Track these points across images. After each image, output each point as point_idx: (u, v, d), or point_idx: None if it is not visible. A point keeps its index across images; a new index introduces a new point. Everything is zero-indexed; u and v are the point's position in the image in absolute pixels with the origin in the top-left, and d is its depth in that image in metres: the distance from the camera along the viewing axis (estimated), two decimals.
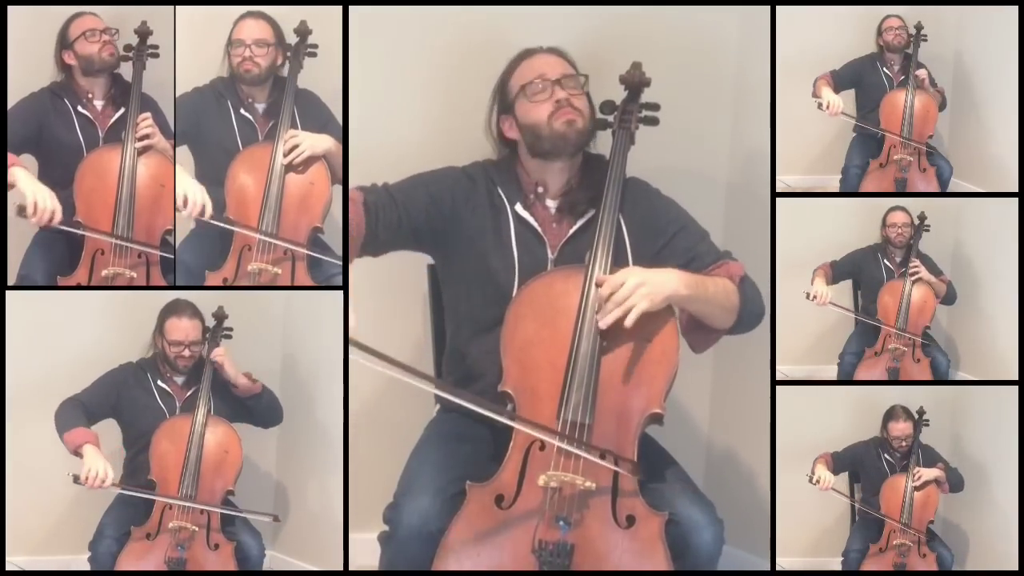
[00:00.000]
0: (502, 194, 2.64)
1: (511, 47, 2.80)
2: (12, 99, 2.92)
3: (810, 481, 3.23)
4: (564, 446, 2.34)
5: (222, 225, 2.92)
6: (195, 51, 3.05)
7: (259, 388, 3.16)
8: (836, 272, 3.41)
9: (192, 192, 2.87)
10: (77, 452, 2.96)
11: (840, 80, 3.35)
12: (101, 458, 2.94)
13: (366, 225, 2.53)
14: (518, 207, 2.63)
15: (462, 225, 2.62)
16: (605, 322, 2.39)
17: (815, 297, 3.34)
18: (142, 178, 2.94)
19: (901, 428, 3.26)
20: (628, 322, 2.37)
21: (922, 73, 3.33)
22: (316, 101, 3.09)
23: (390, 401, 3.32)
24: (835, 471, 3.25)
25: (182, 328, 3.13)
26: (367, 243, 2.56)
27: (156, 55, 2.98)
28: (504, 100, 2.68)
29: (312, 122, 3.04)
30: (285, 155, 2.96)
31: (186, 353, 3.12)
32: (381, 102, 3.20)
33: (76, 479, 2.90)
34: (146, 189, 2.94)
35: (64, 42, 2.97)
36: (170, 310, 3.15)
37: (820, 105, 3.28)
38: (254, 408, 3.16)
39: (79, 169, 2.92)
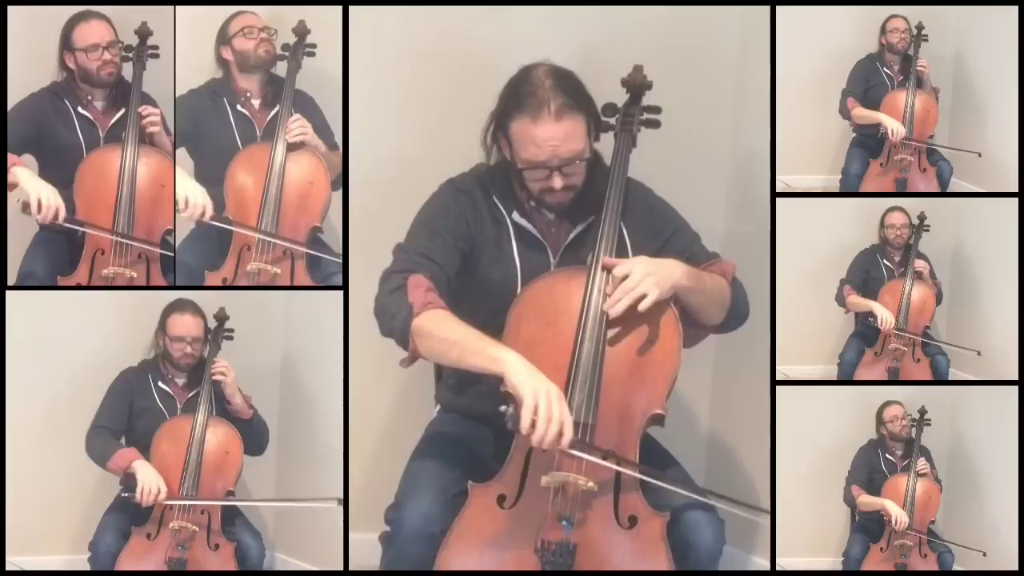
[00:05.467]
0: (499, 204, 2.62)
1: (511, 48, 2.79)
2: (13, 99, 2.92)
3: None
4: (568, 450, 2.34)
5: (221, 225, 2.92)
6: (194, 51, 3.05)
7: (249, 414, 3.15)
8: (855, 287, 3.41)
9: (193, 194, 2.87)
10: (128, 472, 2.97)
11: (857, 95, 3.36)
12: (153, 471, 2.96)
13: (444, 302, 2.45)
14: (515, 215, 2.61)
15: (475, 244, 2.60)
16: (616, 310, 2.38)
17: (882, 322, 3.34)
18: (142, 178, 2.93)
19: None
20: (643, 306, 2.37)
21: (923, 66, 3.33)
22: (311, 103, 3.09)
23: (390, 401, 3.33)
24: (855, 480, 3.28)
25: (184, 324, 3.13)
26: None
27: (156, 55, 2.98)
28: (504, 128, 2.55)
29: None
30: (288, 132, 2.97)
31: (188, 350, 3.12)
32: (380, 103, 3.20)
33: (130, 496, 2.93)
34: (146, 190, 2.93)
35: (67, 44, 2.95)
36: (172, 307, 3.15)
37: (889, 132, 3.30)
38: (241, 431, 3.14)
39: (79, 169, 2.92)
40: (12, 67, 2.90)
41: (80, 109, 2.97)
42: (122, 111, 2.98)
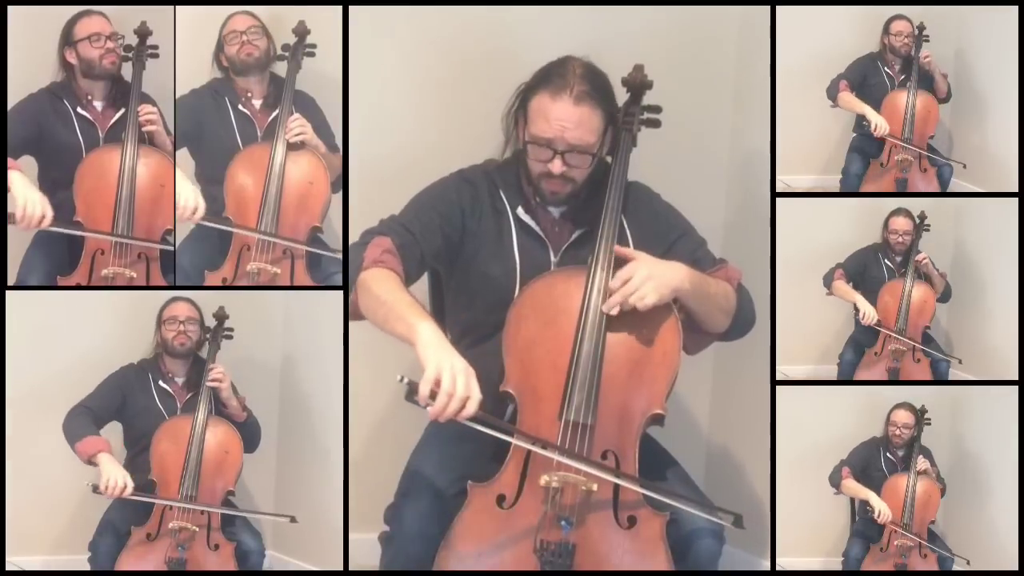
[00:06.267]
0: (504, 197, 2.62)
1: (511, 48, 2.79)
2: (12, 99, 2.91)
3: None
4: (566, 460, 2.34)
5: (219, 227, 2.92)
6: (194, 51, 3.05)
7: (243, 417, 3.16)
8: (848, 276, 3.40)
9: (185, 194, 2.87)
10: (91, 461, 2.97)
11: (852, 83, 3.35)
12: (118, 466, 2.96)
13: (404, 271, 2.48)
14: (520, 211, 2.61)
15: (469, 234, 2.60)
16: (611, 308, 2.40)
17: (864, 316, 3.34)
18: (142, 178, 2.93)
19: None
20: (641, 307, 2.38)
21: (926, 59, 3.33)
22: (312, 104, 3.09)
23: (390, 400, 3.32)
24: (848, 463, 3.27)
25: (177, 307, 3.16)
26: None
27: (156, 55, 2.98)
28: (525, 105, 2.56)
29: None
30: (288, 132, 2.97)
31: (183, 328, 3.13)
32: (380, 103, 3.20)
33: (95, 489, 2.92)
34: (146, 190, 2.93)
35: (68, 39, 2.95)
36: (166, 303, 3.17)
37: (870, 126, 3.29)
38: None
39: (79, 169, 2.92)
40: (11, 68, 2.90)
41: (79, 109, 2.97)
42: (121, 111, 2.98)
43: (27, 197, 2.75)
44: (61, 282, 2.95)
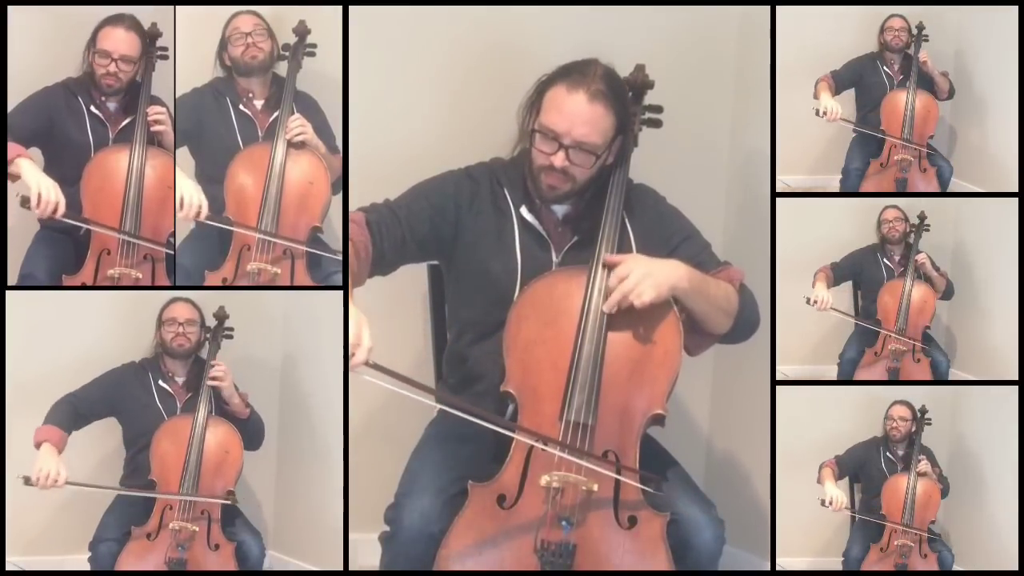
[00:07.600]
0: (508, 196, 2.63)
1: (512, 48, 2.78)
2: (15, 96, 2.90)
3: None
4: (567, 456, 2.34)
5: (221, 225, 2.92)
6: (196, 51, 3.05)
7: (247, 414, 3.16)
8: (837, 274, 3.41)
9: (188, 193, 2.86)
10: (37, 448, 2.97)
11: (840, 81, 3.35)
12: (53, 458, 2.94)
13: (373, 246, 2.51)
14: (523, 210, 2.61)
15: (465, 230, 2.61)
16: (610, 307, 2.40)
17: (816, 302, 3.33)
18: (149, 179, 2.92)
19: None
20: (638, 305, 2.38)
21: (923, 61, 3.33)
22: (314, 105, 3.09)
23: (390, 400, 3.30)
24: (839, 475, 3.26)
25: (178, 308, 3.16)
26: (375, 263, 2.54)
27: (166, 56, 2.97)
28: (541, 95, 2.56)
29: None
30: (288, 131, 2.97)
31: (182, 330, 3.14)
32: (380, 103, 3.20)
33: (27, 480, 2.90)
34: (153, 191, 2.92)
35: (92, 41, 2.94)
36: (168, 302, 3.17)
37: (818, 112, 3.27)
38: (239, 429, 3.14)
39: (87, 168, 2.90)
40: (30, 58, 2.90)
41: (92, 108, 2.96)
42: (133, 116, 2.96)
43: (40, 184, 2.74)
44: (66, 281, 2.94)
